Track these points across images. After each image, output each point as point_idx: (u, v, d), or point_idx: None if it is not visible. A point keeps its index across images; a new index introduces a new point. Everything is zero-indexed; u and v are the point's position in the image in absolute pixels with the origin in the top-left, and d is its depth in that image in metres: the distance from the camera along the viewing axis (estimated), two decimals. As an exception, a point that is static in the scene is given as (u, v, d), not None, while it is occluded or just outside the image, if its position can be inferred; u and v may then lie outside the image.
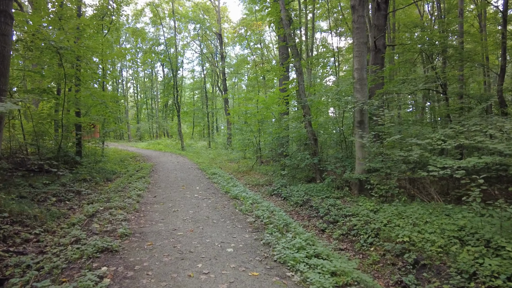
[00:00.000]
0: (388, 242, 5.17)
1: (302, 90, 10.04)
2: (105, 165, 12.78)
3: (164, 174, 10.85)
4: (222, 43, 25.19)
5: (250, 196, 7.15)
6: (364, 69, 7.94)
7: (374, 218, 5.99)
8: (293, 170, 9.88)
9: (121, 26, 29.93)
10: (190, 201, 6.78)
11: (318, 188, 8.34)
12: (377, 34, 10.31)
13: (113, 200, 6.87)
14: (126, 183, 9.35)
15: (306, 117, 9.86)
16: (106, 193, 8.30)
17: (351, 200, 7.35)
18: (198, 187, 8.49)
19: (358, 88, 7.92)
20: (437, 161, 6.12)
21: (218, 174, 10.55)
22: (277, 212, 5.91)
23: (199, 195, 7.46)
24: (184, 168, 12.58)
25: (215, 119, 34.98)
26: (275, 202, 8.65)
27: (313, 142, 9.63)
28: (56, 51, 8.64)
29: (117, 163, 14.47)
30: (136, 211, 6.00)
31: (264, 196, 9.33)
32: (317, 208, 7.24)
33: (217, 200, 6.95)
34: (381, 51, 10.86)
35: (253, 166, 13.42)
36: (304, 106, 9.93)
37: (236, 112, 16.69)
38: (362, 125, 7.86)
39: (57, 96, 9.95)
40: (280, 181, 9.72)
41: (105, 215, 5.54)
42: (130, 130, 33.54)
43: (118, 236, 4.45)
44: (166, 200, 6.91)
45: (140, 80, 38.74)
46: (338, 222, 6.38)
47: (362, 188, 7.83)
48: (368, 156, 7.85)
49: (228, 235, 4.60)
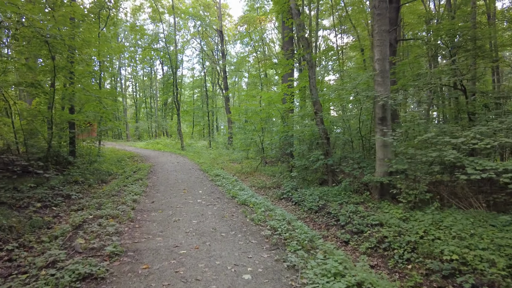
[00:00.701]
0: (430, 259, 4.30)
1: (314, 85, 9.16)
2: (101, 166, 11.86)
3: (163, 176, 9.93)
4: (223, 40, 24.27)
5: (260, 202, 6.25)
6: (386, 60, 7.06)
7: (406, 228, 5.11)
8: (303, 172, 9.00)
9: (120, 23, 29.00)
10: (192, 208, 5.88)
11: (334, 192, 7.46)
12: (389, 27, 9.48)
13: (105, 206, 5.95)
14: (121, 186, 8.43)
15: (318, 114, 8.98)
16: (99, 197, 7.39)
17: (374, 206, 6.47)
18: (201, 190, 7.58)
19: (380, 81, 7.04)
20: (475, 163, 5.26)
21: (221, 175, 9.65)
22: (295, 222, 5.01)
23: (202, 200, 6.56)
24: (184, 169, 11.67)
25: (215, 118, 34.05)
26: (286, 207, 7.77)
27: (325, 141, 8.76)
28: (44, 40, 7.71)
29: (114, 163, 13.55)
30: (131, 221, 5.09)
31: (273, 200, 8.44)
32: (337, 216, 6.35)
33: (223, 206, 6.05)
34: (393, 45, 10.06)
35: (257, 167, 12.52)
36: (315, 102, 9.05)
37: (238, 111, 15.79)
38: (384, 122, 6.99)
39: (46, 91, 9.00)
40: (289, 184, 8.84)
41: (94, 226, 4.62)
42: (128, 129, 32.54)
43: (106, 256, 3.55)
44: (165, 207, 6.00)
45: (139, 79, 37.76)
46: (364, 233, 5.50)
47: (384, 192, 6.96)
48: (391, 156, 6.98)
49: (241, 254, 3.70)
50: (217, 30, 24.28)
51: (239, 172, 12.35)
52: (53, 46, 8.06)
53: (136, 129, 33.05)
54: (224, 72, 24.06)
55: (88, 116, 11.61)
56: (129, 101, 39.13)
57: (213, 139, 25.27)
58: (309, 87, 9.26)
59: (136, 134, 32.61)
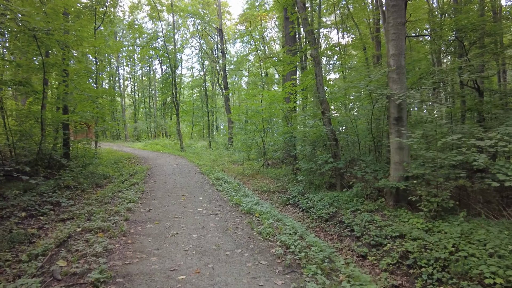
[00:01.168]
0: (467, 281, 3.71)
1: (320, 83, 8.56)
2: (96, 169, 11.25)
3: (161, 180, 9.32)
4: (223, 38, 23.63)
5: (267, 210, 5.64)
6: (402, 55, 6.47)
7: (432, 242, 4.52)
8: (309, 175, 8.40)
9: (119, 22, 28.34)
10: (192, 218, 5.27)
11: (345, 198, 6.87)
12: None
13: (96, 216, 5.35)
14: (116, 192, 7.82)
15: (325, 114, 8.39)
16: (91, 204, 6.79)
17: (390, 214, 5.87)
18: (201, 197, 6.97)
19: (395, 78, 6.45)
20: (506, 168, 4.69)
21: (223, 179, 9.04)
22: (309, 236, 4.41)
23: (203, 208, 5.95)
24: (183, 171, 11.06)
25: (215, 118, 33.41)
26: (293, 215, 7.17)
27: (334, 143, 8.17)
28: (32, 34, 7.09)
29: (110, 165, 12.93)
30: (123, 235, 4.48)
31: (278, 206, 7.85)
32: (350, 225, 5.76)
33: (226, 216, 5.44)
34: None
35: (260, 169, 11.92)
36: (322, 101, 8.45)
37: (239, 110, 15.17)
38: (400, 122, 6.40)
39: (37, 90, 8.38)
40: (295, 188, 8.24)
41: (80, 243, 4.01)
42: (127, 129, 31.88)
43: (89, 285, 2.94)
44: (162, 217, 5.39)
45: (137, 79, 37.08)
46: (383, 246, 4.91)
47: (400, 198, 6.38)
48: (408, 159, 6.40)
49: (251, 280, 3.10)
50: (217, 28, 23.64)
51: (241, 174, 11.75)
52: (43, 41, 7.43)
53: (134, 129, 32.40)
54: (224, 71, 23.43)
55: (82, 117, 10.99)
56: (127, 101, 38.47)
57: (213, 140, 24.65)
58: (316, 85, 8.66)
59: (134, 135, 31.96)
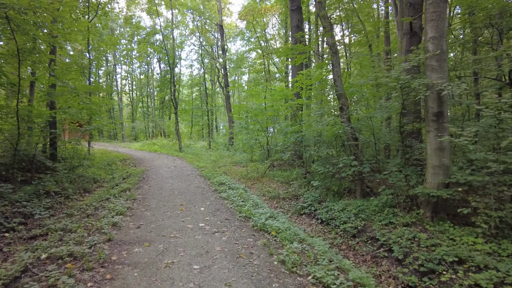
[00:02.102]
0: None
1: (338, 75, 7.43)
2: (86, 171, 10.06)
3: (156, 184, 8.15)
4: (223, 35, 22.46)
5: (285, 227, 4.49)
6: (443, 38, 5.34)
7: (510, 272, 3.40)
8: (326, 180, 7.26)
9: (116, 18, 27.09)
10: (193, 238, 4.11)
11: (372, 208, 5.74)
12: (413, 14, 7.82)
13: (70, 236, 4.18)
14: (104, 199, 6.65)
15: (344, 110, 7.26)
16: (72, 215, 5.63)
17: (435, 229, 4.74)
18: (203, 207, 5.80)
19: (435, 66, 5.32)
20: None
21: (226, 184, 7.88)
22: (354, 272, 3.26)
23: (206, 223, 4.78)
24: (182, 174, 9.89)
25: (214, 117, 32.20)
26: (310, 227, 6.03)
27: (354, 143, 7.04)
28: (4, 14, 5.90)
29: (103, 167, 11.75)
30: (101, 264, 3.31)
31: (291, 216, 6.70)
32: (387, 243, 4.62)
33: (235, 235, 4.28)
34: (418, 34, 8.38)
35: (265, 171, 10.77)
36: (340, 96, 7.33)
37: (242, 108, 14.02)
38: (441, 118, 5.27)
39: (13, 82, 7.20)
40: (310, 195, 7.10)
41: (35, 284, 2.84)
42: (124, 129, 30.63)
43: None
44: (155, 235, 4.23)
45: (136, 78, 35.83)
46: (439, 275, 3.76)
47: (439, 209, 5.26)
48: (449, 162, 5.28)
49: None
50: (217, 24, 22.48)
51: (245, 177, 10.60)
52: (17, 24, 6.24)
53: (132, 129, 31.15)
54: (225, 69, 22.27)
55: (69, 114, 9.80)
56: (125, 100, 37.22)
57: (213, 140, 23.46)
58: (333, 77, 7.53)
59: (132, 135, 30.71)
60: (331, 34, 7.40)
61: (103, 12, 15.32)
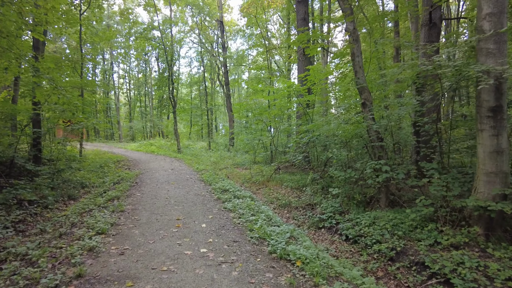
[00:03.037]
0: None
1: (360, 65, 6.37)
2: (74, 175, 8.96)
3: (150, 191, 7.04)
4: (224, 31, 21.35)
5: (313, 254, 3.39)
6: (504, 14, 4.28)
7: None
8: (347, 187, 6.18)
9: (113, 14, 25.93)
10: (192, 274, 3.01)
11: (408, 223, 4.66)
12: (432, 4, 6.83)
13: (28, 269, 3.08)
14: (87, 210, 5.54)
15: (367, 106, 6.18)
16: (45, 231, 4.54)
17: (501, 254, 3.67)
18: (204, 223, 4.70)
19: (492, 49, 4.26)
20: None
21: (231, 191, 6.78)
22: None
23: (209, 248, 3.68)
24: (180, 179, 8.78)
25: (214, 117, 31.05)
26: (332, 245, 4.95)
27: (379, 144, 5.97)
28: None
29: (95, 170, 10.64)
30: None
31: (308, 230, 5.61)
32: (441, 273, 3.55)
33: (249, 268, 3.18)
34: (437, 25, 7.40)
35: (271, 175, 9.69)
36: (362, 89, 6.26)
37: (245, 107, 12.93)
38: (499, 115, 4.22)
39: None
40: (329, 205, 6.02)
41: None
42: (121, 129, 29.44)
43: None
44: (142, 269, 3.13)
45: (134, 77, 34.61)
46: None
47: (494, 225, 4.21)
48: (508, 169, 4.23)
49: None
50: (217, 20, 21.38)
51: (249, 181, 9.52)
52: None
53: (129, 129, 29.96)
54: (225, 67, 21.17)
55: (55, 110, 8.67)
56: (123, 99, 36.03)
57: (213, 140, 22.32)
58: (354, 68, 6.45)
59: (129, 135, 29.52)
60: (352, 19, 6.33)
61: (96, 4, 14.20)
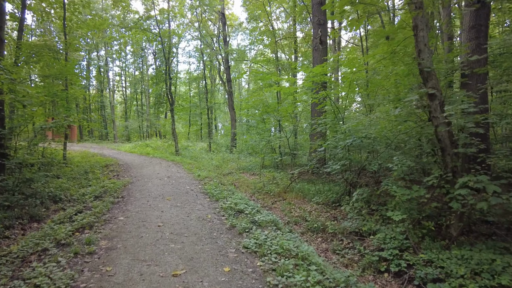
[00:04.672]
0: None
1: (425, 43, 4.55)
2: (48, 185, 7.05)
3: (138, 214, 5.17)
4: (225, 24, 19.49)
5: None
6: None
7: None
8: (413, 211, 4.34)
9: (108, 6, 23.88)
10: None
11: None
12: None
13: None
14: (39, 251, 3.68)
15: (435, 99, 4.36)
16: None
17: None
18: (219, 285, 2.85)
19: None
20: None
21: (247, 213, 4.94)
22: None
23: None
24: (178, 191, 6.92)
25: (214, 117, 29.13)
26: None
27: (454, 151, 4.16)
28: None
29: (78, 177, 8.78)
30: None
31: (362, 275, 3.80)
32: None
33: None
34: (487, 6, 5.72)
35: (289, 184, 7.88)
36: (428, 74, 4.45)
37: (253, 102, 11.09)
38: None
39: None
40: (390, 235, 4.19)
41: None
42: (116, 129, 27.43)
43: None
44: None
45: (130, 74, 32.58)
46: None
47: None
48: None
49: None
50: (219, 12, 19.51)
51: (261, 191, 7.71)
52: None
53: (125, 128, 27.95)
54: (227, 62, 19.32)
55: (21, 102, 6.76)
56: (119, 98, 33.98)
57: (213, 141, 20.43)
58: (416, 46, 4.63)
59: (125, 135, 27.52)
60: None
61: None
